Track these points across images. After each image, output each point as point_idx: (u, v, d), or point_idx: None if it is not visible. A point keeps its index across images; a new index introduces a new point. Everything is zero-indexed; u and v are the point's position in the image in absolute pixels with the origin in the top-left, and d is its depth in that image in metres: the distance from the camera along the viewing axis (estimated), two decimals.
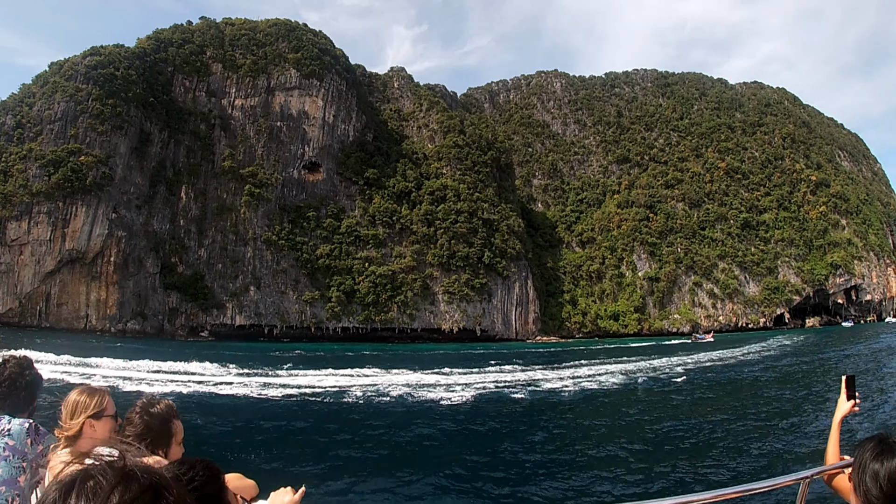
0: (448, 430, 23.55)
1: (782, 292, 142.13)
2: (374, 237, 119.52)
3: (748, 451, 18.89)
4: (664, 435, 22.13)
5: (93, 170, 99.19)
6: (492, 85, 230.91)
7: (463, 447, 20.60)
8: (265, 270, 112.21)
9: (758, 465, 17.00)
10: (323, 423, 24.79)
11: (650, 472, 16.87)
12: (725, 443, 20.43)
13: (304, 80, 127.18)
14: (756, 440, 20.37)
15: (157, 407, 3.34)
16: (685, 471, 16.81)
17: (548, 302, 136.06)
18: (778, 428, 22.47)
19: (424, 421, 25.32)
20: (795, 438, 20.53)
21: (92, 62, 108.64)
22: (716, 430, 22.63)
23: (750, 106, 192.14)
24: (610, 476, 16.75)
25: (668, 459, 18.20)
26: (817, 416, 24.23)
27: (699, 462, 17.76)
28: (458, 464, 18.15)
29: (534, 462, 18.40)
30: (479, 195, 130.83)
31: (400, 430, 23.28)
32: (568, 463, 18.51)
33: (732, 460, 17.86)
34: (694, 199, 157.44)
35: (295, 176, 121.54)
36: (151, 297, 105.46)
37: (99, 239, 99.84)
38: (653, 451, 19.58)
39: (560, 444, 21.56)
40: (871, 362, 47.57)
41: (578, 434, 23.61)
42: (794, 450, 18.83)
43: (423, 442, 21.37)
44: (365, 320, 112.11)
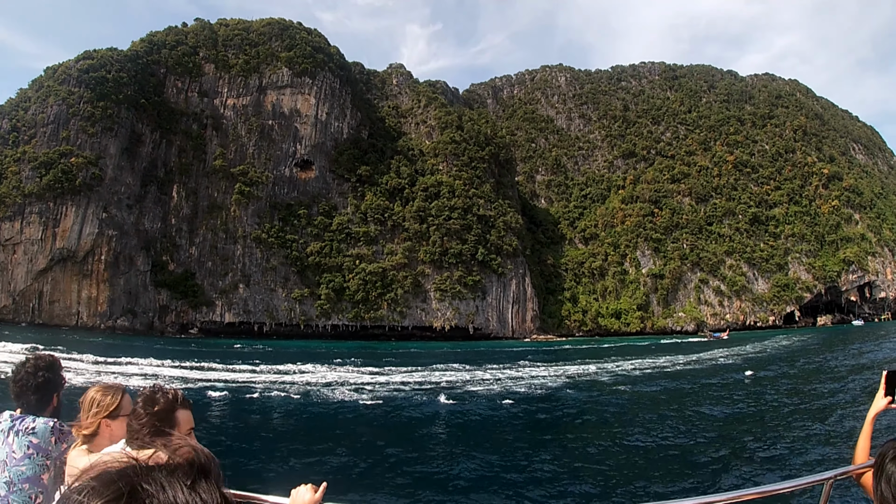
0: (438, 428, 23.27)
1: (792, 289, 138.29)
2: (365, 234, 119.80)
3: (771, 450, 18.50)
4: (685, 434, 21.61)
5: (83, 171, 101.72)
6: (495, 80, 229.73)
7: (464, 445, 20.18)
8: (255, 268, 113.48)
9: (780, 465, 16.64)
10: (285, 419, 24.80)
11: (672, 472, 16.67)
12: (747, 442, 19.90)
13: (296, 78, 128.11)
14: (780, 439, 19.89)
15: (162, 396, 3.25)
16: (708, 469, 16.56)
17: (547, 300, 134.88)
18: (802, 427, 21.84)
19: (401, 418, 25.22)
20: (820, 438, 19.89)
21: (84, 66, 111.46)
22: (737, 429, 22.09)
23: (760, 98, 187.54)
24: (629, 475, 16.50)
25: (690, 459, 17.90)
26: (844, 416, 23.39)
27: (722, 461, 17.46)
28: (463, 462, 17.71)
29: (547, 460, 18.01)
30: (476, 191, 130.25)
31: (389, 428, 23.16)
32: (581, 462, 18.00)
33: (754, 460, 17.44)
34: (701, 194, 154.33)
35: (286, 174, 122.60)
36: (142, 294, 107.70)
37: (89, 238, 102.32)
38: (672, 451, 19.11)
39: (583, 441, 21.18)
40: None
41: (604, 431, 23.22)
42: (818, 449, 18.28)
43: (414, 441, 21.15)
44: (354, 318, 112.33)
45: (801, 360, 49.60)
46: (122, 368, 39.69)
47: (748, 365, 45.67)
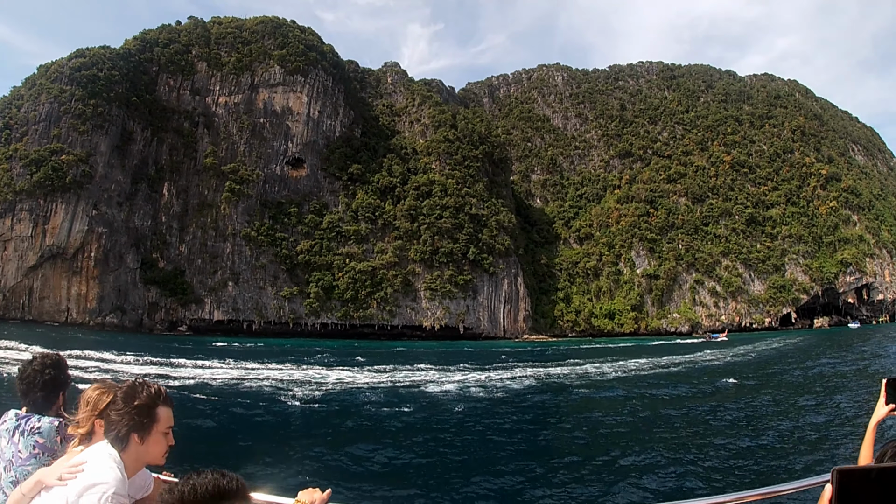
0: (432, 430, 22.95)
1: (789, 291, 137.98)
2: (355, 233, 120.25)
3: (774, 451, 18.33)
4: (687, 434, 21.58)
5: (73, 168, 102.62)
6: (492, 79, 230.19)
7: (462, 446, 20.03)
8: (244, 266, 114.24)
9: (782, 466, 16.50)
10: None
11: (672, 473, 16.34)
12: (750, 442, 19.59)
13: (288, 76, 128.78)
14: (783, 440, 19.70)
15: (144, 390, 3.16)
16: (708, 471, 16.39)
17: (540, 299, 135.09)
18: (805, 429, 21.60)
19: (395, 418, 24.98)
20: (824, 440, 19.72)
21: (76, 64, 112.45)
22: (741, 428, 21.89)
23: (759, 98, 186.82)
24: (631, 476, 16.12)
25: (691, 459, 17.65)
26: (846, 419, 23.19)
27: (722, 462, 17.31)
28: (463, 466, 17.53)
29: (546, 461, 17.89)
30: (469, 190, 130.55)
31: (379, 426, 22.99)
32: (583, 463, 17.73)
33: (756, 460, 17.29)
34: (697, 194, 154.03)
35: (277, 172, 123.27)
36: (131, 291, 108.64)
37: (78, 235, 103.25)
38: (675, 451, 18.83)
39: (584, 443, 21.06)
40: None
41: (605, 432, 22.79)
42: (821, 451, 18.17)
43: (405, 441, 20.76)
44: (343, 316, 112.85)
45: (792, 364, 48.89)
46: (96, 364, 40.04)
47: (736, 368, 45.61)
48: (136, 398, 3.06)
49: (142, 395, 3.08)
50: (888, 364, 42.07)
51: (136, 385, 3.15)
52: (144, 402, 3.06)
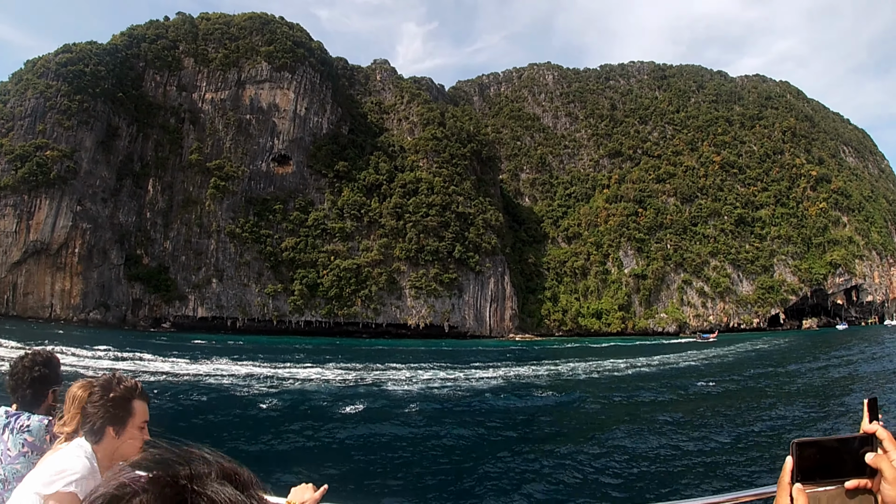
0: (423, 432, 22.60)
1: (777, 292, 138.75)
2: (340, 230, 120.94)
3: (761, 456, 17.97)
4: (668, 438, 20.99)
5: (57, 164, 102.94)
6: (483, 77, 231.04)
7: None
8: (228, 263, 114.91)
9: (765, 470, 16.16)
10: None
11: (661, 475, 16.17)
12: (734, 445, 19.28)
13: (275, 72, 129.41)
14: (770, 446, 19.25)
15: (119, 384, 3.19)
16: (685, 475, 16.13)
17: (527, 298, 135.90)
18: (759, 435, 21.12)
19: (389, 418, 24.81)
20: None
21: (62, 59, 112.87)
22: (727, 433, 21.37)
23: (750, 99, 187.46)
24: (618, 476, 15.98)
25: (667, 464, 17.36)
26: (825, 420, 23.08)
27: (701, 466, 16.97)
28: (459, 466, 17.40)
29: (519, 465, 17.34)
30: (456, 188, 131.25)
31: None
32: (566, 464, 17.30)
33: (739, 464, 17.01)
34: (686, 194, 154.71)
35: (263, 169, 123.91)
36: (115, 287, 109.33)
37: (63, 231, 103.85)
38: (662, 453, 18.39)
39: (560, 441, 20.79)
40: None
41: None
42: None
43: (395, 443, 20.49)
44: (328, 314, 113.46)
45: (766, 366, 48.29)
46: (72, 360, 40.22)
47: (710, 370, 45.61)
48: (111, 391, 3.11)
49: (118, 389, 3.13)
50: (860, 371, 40.55)
51: (112, 379, 3.20)
52: (120, 395, 3.10)
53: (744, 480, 15.17)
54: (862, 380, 35.25)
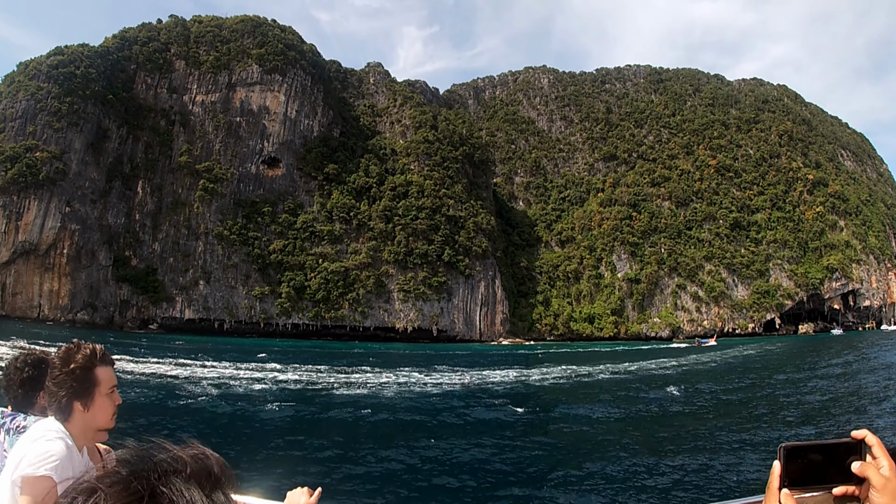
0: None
1: (773, 296, 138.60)
2: (329, 233, 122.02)
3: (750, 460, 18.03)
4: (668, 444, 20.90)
5: (47, 165, 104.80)
6: (477, 81, 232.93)
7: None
8: (215, 265, 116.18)
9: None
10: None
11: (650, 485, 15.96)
12: (731, 449, 19.31)
13: (265, 75, 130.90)
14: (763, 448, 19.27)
15: (79, 352, 3.05)
16: (682, 482, 16.03)
17: (519, 302, 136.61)
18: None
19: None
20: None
21: (54, 61, 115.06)
22: (723, 434, 21.67)
23: (747, 102, 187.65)
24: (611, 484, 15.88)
25: (667, 470, 17.26)
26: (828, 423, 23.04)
27: (698, 472, 16.84)
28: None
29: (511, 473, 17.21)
30: (447, 191, 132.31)
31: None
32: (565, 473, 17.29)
33: (736, 470, 16.96)
34: (681, 198, 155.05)
35: (252, 171, 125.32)
36: (103, 288, 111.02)
37: (51, 232, 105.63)
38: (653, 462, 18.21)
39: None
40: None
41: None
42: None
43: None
44: (315, 317, 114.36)
45: (748, 374, 46.53)
46: None
47: (688, 377, 44.84)
48: (71, 362, 2.96)
49: (77, 358, 2.97)
50: (833, 387, 38.99)
51: (70, 348, 3.05)
52: (81, 365, 2.96)
53: (734, 489, 15.24)
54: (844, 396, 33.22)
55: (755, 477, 15.75)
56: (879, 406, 26.40)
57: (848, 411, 26.10)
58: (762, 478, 2.36)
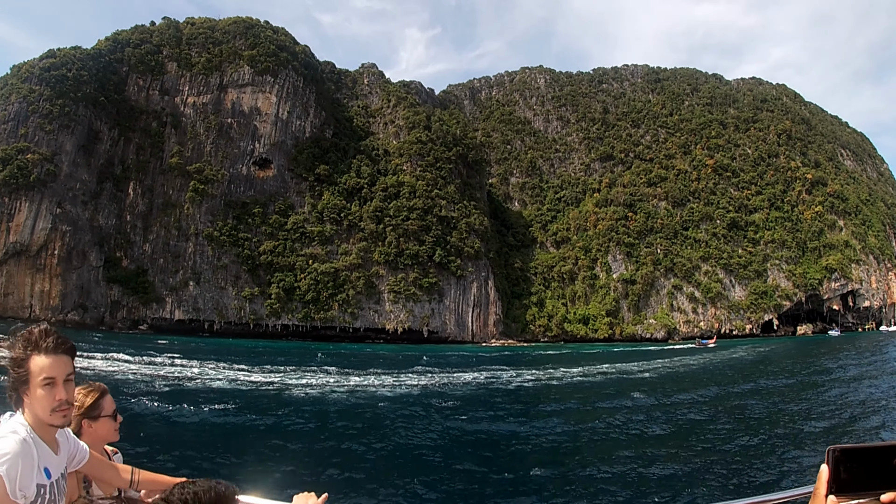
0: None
1: (771, 297, 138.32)
2: (319, 234, 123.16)
3: (767, 459, 18.40)
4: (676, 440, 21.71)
5: (38, 166, 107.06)
6: (473, 81, 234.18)
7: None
8: (205, 266, 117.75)
9: (775, 474, 16.58)
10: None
11: (658, 482, 16.41)
12: (743, 449, 19.71)
13: (257, 76, 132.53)
14: (777, 448, 19.80)
15: (18, 339, 2.92)
16: (698, 479, 16.48)
17: (513, 303, 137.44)
18: (801, 435, 21.70)
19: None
20: (819, 445, 19.64)
21: (46, 64, 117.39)
22: (733, 436, 22.09)
23: (745, 102, 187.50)
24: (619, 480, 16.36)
25: (680, 467, 17.75)
26: (844, 423, 23.44)
27: (712, 469, 17.31)
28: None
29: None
30: (439, 192, 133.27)
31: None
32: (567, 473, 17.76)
33: (749, 468, 17.34)
34: (678, 198, 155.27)
35: (243, 172, 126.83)
36: (94, 289, 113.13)
37: (42, 233, 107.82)
38: (663, 459, 18.82)
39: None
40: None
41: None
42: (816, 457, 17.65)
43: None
44: (304, 318, 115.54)
45: (721, 380, 44.75)
46: None
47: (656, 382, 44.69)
48: (11, 349, 2.86)
49: (14, 347, 2.86)
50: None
51: (20, 335, 2.92)
52: (17, 356, 2.84)
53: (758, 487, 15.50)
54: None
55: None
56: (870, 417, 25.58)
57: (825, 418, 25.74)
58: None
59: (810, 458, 18.03)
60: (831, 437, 21.45)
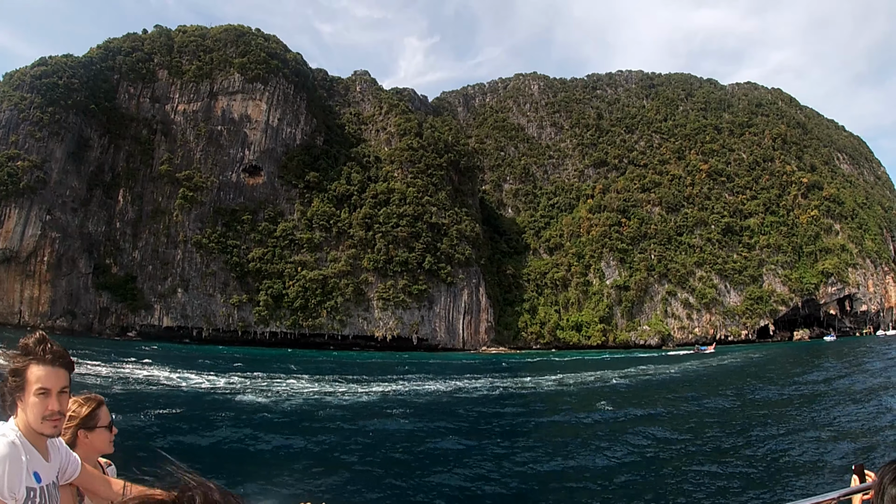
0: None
1: (767, 302, 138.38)
2: (308, 241, 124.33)
3: (770, 469, 18.44)
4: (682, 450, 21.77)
5: (28, 173, 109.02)
6: (467, 88, 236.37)
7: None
8: (193, 273, 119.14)
9: (779, 486, 16.62)
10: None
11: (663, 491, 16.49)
12: (745, 460, 19.71)
13: (247, 83, 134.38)
14: (778, 458, 19.77)
15: (17, 352, 3.01)
16: (701, 490, 16.39)
17: (505, 311, 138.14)
18: (801, 446, 21.43)
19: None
20: (821, 457, 19.69)
21: (37, 72, 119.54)
22: (733, 445, 22.08)
23: (740, 107, 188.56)
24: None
25: (684, 477, 17.76)
26: (846, 433, 23.22)
27: (718, 481, 17.20)
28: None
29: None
30: (430, 199, 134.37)
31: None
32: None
33: (754, 480, 17.35)
34: (672, 204, 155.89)
35: (233, 179, 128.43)
36: (83, 296, 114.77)
37: (32, 239, 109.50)
38: (670, 468, 18.94)
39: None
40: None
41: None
42: (819, 469, 18.12)
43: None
44: (292, 325, 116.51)
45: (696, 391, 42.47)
46: None
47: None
48: (12, 359, 2.94)
49: (15, 357, 2.94)
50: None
51: (21, 343, 2.99)
52: (16, 366, 2.92)
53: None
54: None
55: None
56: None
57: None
58: None
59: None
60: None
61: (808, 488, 16.22)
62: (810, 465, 18.61)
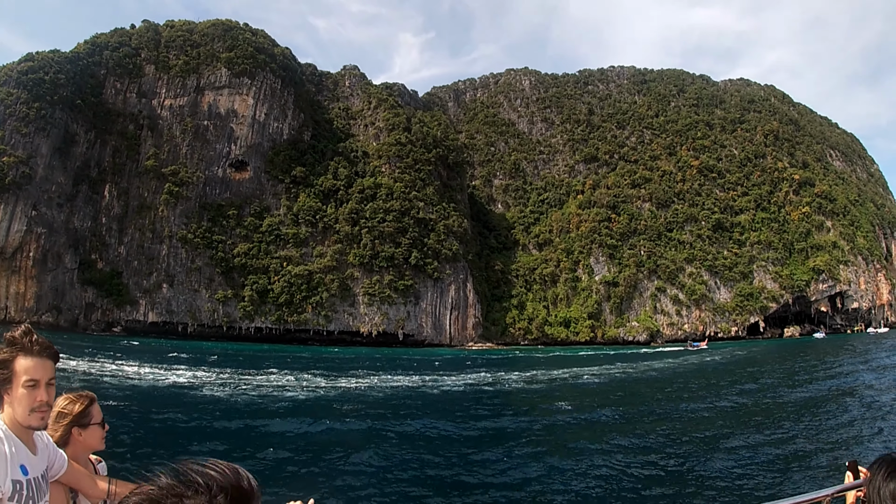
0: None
1: (757, 299, 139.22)
2: (294, 236, 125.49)
3: (762, 467, 18.85)
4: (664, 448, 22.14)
5: (13, 169, 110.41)
6: (458, 83, 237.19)
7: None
8: (179, 268, 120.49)
9: (770, 483, 17.13)
10: None
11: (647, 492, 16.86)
12: (738, 458, 20.14)
13: (234, 78, 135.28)
14: (770, 456, 20.24)
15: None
16: (693, 490, 16.83)
17: (493, 306, 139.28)
18: (792, 444, 22.00)
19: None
20: (812, 454, 20.31)
21: (24, 67, 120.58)
22: (723, 444, 22.48)
23: (732, 103, 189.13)
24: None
25: (675, 478, 18.12)
26: (836, 432, 23.88)
27: (708, 481, 17.60)
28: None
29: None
30: (417, 194, 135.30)
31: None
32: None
33: (745, 478, 17.70)
34: (662, 200, 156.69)
35: (219, 174, 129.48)
36: (69, 291, 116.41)
37: (17, 235, 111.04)
38: (658, 467, 19.32)
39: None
40: None
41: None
42: (811, 466, 18.73)
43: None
44: (277, 321, 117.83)
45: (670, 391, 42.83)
46: None
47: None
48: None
49: (2, 348, 2.97)
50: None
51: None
52: (2, 358, 2.94)
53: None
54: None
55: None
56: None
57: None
58: None
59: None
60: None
61: (802, 485, 16.70)
62: (804, 462, 19.37)
